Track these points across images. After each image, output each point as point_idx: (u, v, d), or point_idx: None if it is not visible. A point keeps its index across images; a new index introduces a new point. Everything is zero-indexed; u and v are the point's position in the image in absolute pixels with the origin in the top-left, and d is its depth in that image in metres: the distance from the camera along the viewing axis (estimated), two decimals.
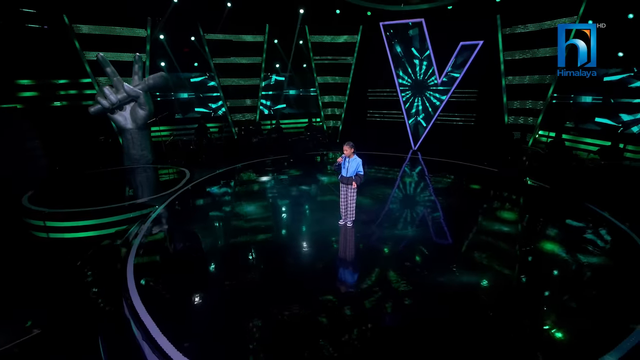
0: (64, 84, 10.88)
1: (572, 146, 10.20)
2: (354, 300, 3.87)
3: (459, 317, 3.63)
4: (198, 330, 3.43)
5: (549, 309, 3.85)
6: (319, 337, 3.24)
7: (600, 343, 3.22)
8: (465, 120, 12.62)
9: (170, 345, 3.16)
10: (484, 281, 4.28)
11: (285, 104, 15.04)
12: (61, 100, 10.89)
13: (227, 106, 13.52)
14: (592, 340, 3.30)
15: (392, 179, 9.59)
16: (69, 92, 11.00)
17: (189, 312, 3.79)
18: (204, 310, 3.87)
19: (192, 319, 3.67)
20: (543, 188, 8.19)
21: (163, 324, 3.44)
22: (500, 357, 3.12)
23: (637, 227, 5.82)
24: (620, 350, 3.13)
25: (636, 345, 3.20)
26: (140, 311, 3.66)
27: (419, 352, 3.14)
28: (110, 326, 3.89)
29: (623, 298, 4.00)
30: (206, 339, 3.29)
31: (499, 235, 5.71)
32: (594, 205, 6.90)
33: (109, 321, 3.98)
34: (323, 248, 5.22)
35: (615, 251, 5.28)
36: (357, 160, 5.38)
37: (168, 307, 3.83)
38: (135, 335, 3.49)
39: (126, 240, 5.74)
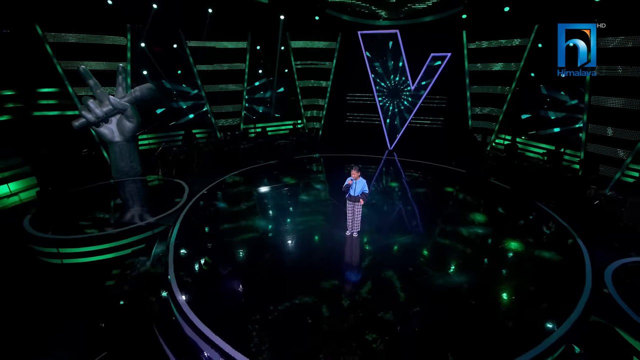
0: (40, 94, 10.42)
1: (524, 149, 11.96)
2: (357, 287, 4.89)
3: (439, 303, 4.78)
4: (257, 327, 4.22)
5: (504, 288, 5.14)
6: (336, 306, 4.22)
7: (551, 317, 4.52)
8: (434, 123, 14.04)
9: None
10: (451, 268, 5.48)
11: (269, 109, 15.38)
12: (39, 110, 10.40)
13: (211, 112, 13.64)
14: (541, 316, 4.60)
15: (370, 176, 10.81)
16: (48, 101, 10.58)
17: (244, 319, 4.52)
18: (255, 307, 4.63)
19: (250, 323, 4.43)
20: (502, 188, 9.73)
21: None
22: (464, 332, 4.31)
23: (574, 221, 7.44)
24: (569, 322, 4.45)
25: (579, 317, 4.54)
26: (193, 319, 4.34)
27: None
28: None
29: (564, 280, 5.40)
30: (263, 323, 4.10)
31: (465, 229, 7.00)
32: (541, 202, 8.52)
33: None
34: (334, 254, 6.19)
35: (555, 241, 6.78)
36: (362, 181, 6.31)
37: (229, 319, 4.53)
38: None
39: (154, 260, 6.22)
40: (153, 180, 10.44)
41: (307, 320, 4.53)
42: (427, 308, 4.79)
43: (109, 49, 10.93)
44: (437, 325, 4.47)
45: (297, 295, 5.00)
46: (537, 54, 11.07)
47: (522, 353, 3.95)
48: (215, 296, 5.08)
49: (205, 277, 5.59)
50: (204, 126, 13.54)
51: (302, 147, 13.93)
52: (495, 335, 4.32)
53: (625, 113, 9.09)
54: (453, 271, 5.70)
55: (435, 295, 5.11)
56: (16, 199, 9.13)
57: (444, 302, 4.95)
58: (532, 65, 11.31)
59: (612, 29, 8.84)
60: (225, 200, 8.80)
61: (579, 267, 5.88)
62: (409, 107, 14.05)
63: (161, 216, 7.81)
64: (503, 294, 5.21)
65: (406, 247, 6.51)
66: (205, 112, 13.81)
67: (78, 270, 6.62)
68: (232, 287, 5.34)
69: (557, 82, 10.63)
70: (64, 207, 8.41)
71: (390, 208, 8.53)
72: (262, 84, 14.70)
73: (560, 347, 4.19)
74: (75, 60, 10.57)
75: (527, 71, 11.45)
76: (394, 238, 6.80)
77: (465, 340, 4.23)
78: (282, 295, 5.01)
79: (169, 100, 12.88)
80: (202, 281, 5.44)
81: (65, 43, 10.33)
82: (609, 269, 5.86)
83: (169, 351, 4.40)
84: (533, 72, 11.31)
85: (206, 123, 13.71)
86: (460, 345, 4.15)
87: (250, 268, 5.89)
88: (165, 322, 4.75)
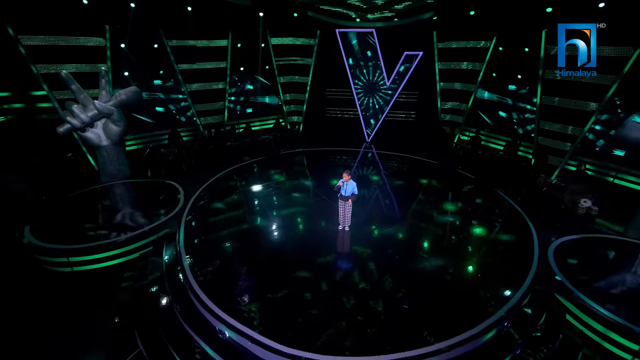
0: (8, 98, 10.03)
1: (487, 141, 13.39)
2: (349, 271, 5.89)
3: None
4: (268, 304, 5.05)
5: (470, 265, 6.35)
6: (330, 286, 5.20)
7: (508, 286, 5.75)
8: (407, 117, 15.14)
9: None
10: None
11: (252, 105, 15.61)
12: (5, 115, 10.03)
13: (195, 111, 13.74)
14: (500, 286, 5.83)
15: (350, 168, 11.77)
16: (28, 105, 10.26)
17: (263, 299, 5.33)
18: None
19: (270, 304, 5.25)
20: (468, 177, 11.06)
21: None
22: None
23: (526, 206, 8.87)
24: (521, 290, 5.70)
25: (529, 286, 5.81)
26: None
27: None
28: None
29: (517, 256, 6.70)
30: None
31: (437, 217, 8.20)
32: (500, 189, 9.92)
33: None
34: (329, 243, 7.11)
35: (510, 224, 8.14)
36: (352, 183, 7.17)
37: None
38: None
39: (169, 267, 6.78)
40: (145, 183, 10.56)
41: (307, 296, 5.49)
42: (407, 287, 5.85)
43: (87, 50, 10.68)
44: (417, 300, 5.55)
45: (299, 277, 5.94)
46: (498, 56, 12.32)
47: (486, 318, 5.12)
48: (229, 284, 5.81)
49: (216, 270, 6.25)
50: (188, 125, 13.63)
51: (285, 142, 14.51)
52: (464, 306, 5.47)
53: (569, 112, 10.59)
54: (429, 254, 6.82)
55: (414, 275, 6.19)
56: None
57: (422, 281, 6.04)
58: (494, 66, 12.60)
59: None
60: (221, 200, 9.27)
61: (528, 245, 7.23)
62: (384, 102, 14.99)
63: (164, 219, 8.23)
64: (469, 269, 6.42)
65: (389, 236, 7.54)
66: (190, 110, 13.87)
67: (91, 277, 7.04)
68: (243, 275, 6.10)
69: (515, 82, 11.99)
70: (64, 215, 8.52)
71: (373, 201, 9.52)
72: (244, 81, 14.89)
73: (515, 311, 5.43)
74: (53, 64, 10.28)
75: (490, 71, 12.73)
76: (380, 229, 7.80)
77: (440, 311, 5.34)
78: (285, 278, 6.00)
79: (155, 104, 12.80)
80: (214, 274, 6.12)
81: (40, 46, 9.99)
82: (552, 246, 7.27)
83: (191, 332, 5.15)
84: (495, 72, 12.60)
85: (191, 122, 13.80)
86: (436, 315, 5.25)
87: (256, 258, 6.66)
88: (185, 309, 5.45)
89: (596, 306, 5.53)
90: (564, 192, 9.45)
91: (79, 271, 7.07)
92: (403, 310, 5.32)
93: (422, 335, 4.80)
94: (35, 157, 9.77)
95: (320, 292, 5.70)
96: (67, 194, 9.31)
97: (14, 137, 9.82)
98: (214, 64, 13.64)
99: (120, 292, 6.48)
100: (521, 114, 12.09)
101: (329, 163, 12.63)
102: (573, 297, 5.80)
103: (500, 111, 12.83)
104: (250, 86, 15.14)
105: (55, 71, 10.23)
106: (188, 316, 5.43)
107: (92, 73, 10.54)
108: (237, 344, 4.91)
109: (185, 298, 5.78)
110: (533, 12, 10.49)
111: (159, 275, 6.59)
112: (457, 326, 4.94)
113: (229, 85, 14.28)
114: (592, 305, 5.55)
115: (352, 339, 4.76)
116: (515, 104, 12.27)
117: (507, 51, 12.00)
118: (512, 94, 12.25)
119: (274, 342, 4.66)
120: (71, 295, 6.60)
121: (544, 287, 6.10)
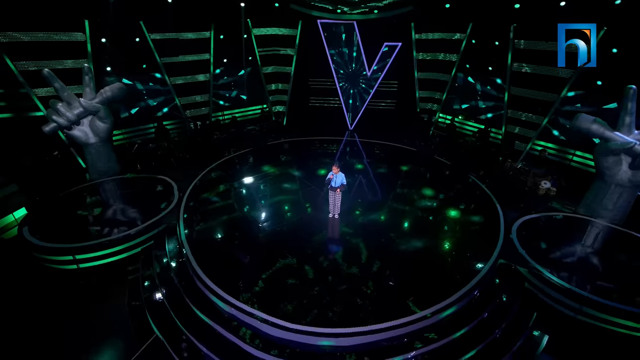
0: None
1: (461, 127, 14.33)
2: (339, 252, 6.67)
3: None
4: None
5: (445, 242, 7.27)
6: (323, 265, 5.97)
7: (479, 260, 6.70)
8: (387, 105, 15.82)
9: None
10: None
11: (237, 96, 15.69)
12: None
13: (180, 104, 13.73)
14: (472, 260, 6.77)
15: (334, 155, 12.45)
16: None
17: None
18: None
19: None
20: (445, 163, 11.96)
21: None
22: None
23: (494, 188, 9.87)
24: (489, 263, 6.65)
25: (496, 259, 6.78)
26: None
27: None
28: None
29: (485, 233, 7.66)
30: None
31: (417, 200, 9.05)
32: (472, 174, 10.89)
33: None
34: (321, 229, 7.83)
35: (480, 204, 9.13)
36: (341, 175, 7.82)
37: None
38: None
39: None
40: (135, 178, 10.58)
41: (302, 274, 6.25)
42: (392, 265, 6.68)
43: (67, 46, 10.44)
44: (401, 276, 6.38)
45: (296, 257, 6.74)
46: (472, 48, 13.09)
47: (461, 288, 6.03)
48: (231, 268, 6.45)
49: (218, 256, 6.83)
50: (174, 118, 13.65)
51: (271, 132, 14.84)
52: (441, 278, 6.36)
53: (534, 102, 11.61)
54: (410, 235, 7.67)
55: (398, 255, 7.03)
56: (11, 218, 8.95)
57: (405, 260, 6.88)
58: (467, 58, 13.39)
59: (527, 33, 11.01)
60: (215, 193, 9.61)
61: (495, 223, 8.22)
62: (365, 91, 15.54)
63: (162, 215, 8.55)
64: (446, 247, 7.35)
65: (375, 221, 8.33)
66: (174, 103, 13.85)
67: (97, 272, 7.43)
68: (245, 258, 6.74)
69: (486, 74, 12.86)
70: (61, 214, 8.65)
71: (357, 187, 10.20)
72: (227, 73, 14.92)
73: (485, 281, 6.39)
74: (32, 60, 10.04)
75: (464, 63, 13.52)
76: (365, 215, 8.55)
77: (420, 283, 6.22)
78: (283, 257, 6.77)
79: (139, 98, 12.68)
80: (216, 260, 6.70)
81: (18, 42, 9.70)
82: (515, 224, 8.30)
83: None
84: (469, 64, 13.40)
85: (176, 115, 13.80)
86: (417, 286, 6.12)
87: (253, 244, 7.30)
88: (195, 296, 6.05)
89: (548, 274, 6.59)
90: (527, 175, 10.55)
91: (85, 268, 7.40)
92: (389, 285, 6.14)
93: (405, 306, 5.66)
94: (26, 158, 9.67)
95: (316, 272, 6.43)
96: (59, 193, 9.36)
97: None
98: (196, 57, 13.60)
99: (129, 280, 6.98)
100: (492, 103, 13.04)
101: (314, 152, 13.16)
102: (530, 268, 6.84)
103: (472, 100, 13.73)
104: (234, 77, 15.21)
105: (34, 68, 10.01)
106: (192, 293, 6.02)
107: (74, 69, 10.37)
108: (248, 324, 5.58)
109: (188, 277, 6.35)
110: (502, 7, 11.25)
111: (164, 265, 7.08)
112: (436, 296, 5.83)
113: (212, 77, 14.32)
114: (545, 274, 6.60)
115: (346, 312, 5.55)
116: (486, 94, 13.18)
117: (479, 44, 12.78)
118: (484, 84, 13.13)
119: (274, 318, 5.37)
120: (82, 288, 7.03)
121: (508, 261, 7.11)
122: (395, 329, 5.33)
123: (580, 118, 8.06)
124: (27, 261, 7.45)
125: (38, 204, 8.91)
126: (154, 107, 13.23)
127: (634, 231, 8.06)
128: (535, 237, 7.94)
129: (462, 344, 5.54)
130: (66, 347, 5.94)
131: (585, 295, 6.11)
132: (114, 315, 6.53)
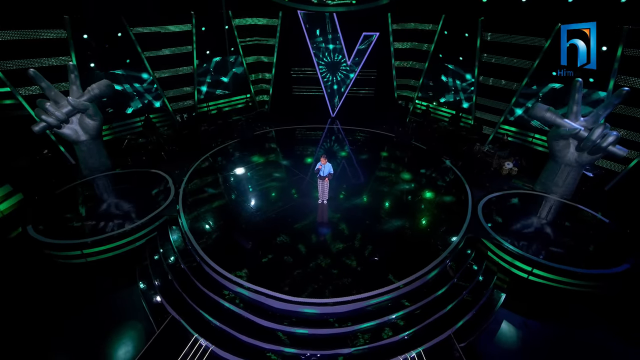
0: None
1: (435, 114, 15.32)
2: (329, 233, 7.61)
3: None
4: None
5: (421, 219, 8.33)
6: (314, 244, 6.90)
7: (449, 234, 7.78)
8: (367, 93, 16.53)
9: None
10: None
11: (221, 86, 15.83)
12: None
13: (165, 97, 13.81)
14: (444, 234, 7.86)
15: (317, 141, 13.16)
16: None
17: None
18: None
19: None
20: (421, 148, 12.97)
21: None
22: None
23: (464, 170, 11.01)
24: (459, 236, 7.76)
25: (464, 233, 7.89)
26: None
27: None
28: None
29: (455, 211, 8.77)
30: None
31: (396, 184, 10.05)
32: (445, 157, 11.96)
33: None
34: (312, 214, 8.67)
35: (452, 185, 10.25)
36: (329, 165, 8.59)
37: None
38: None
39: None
40: (131, 173, 10.78)
41: (297, 251, 7.10)
42: (375, 243, 7.67)
43: (48, 43, 10.30)
44: (383, 252, 7.37)
45: (285, 241, 7.54)
46: (445, 39, 13.91)
47: (435, 258, 7.10)
48: (232, 251, 7.20)
49: (219, 241, 7.56)
50: (160, 111, 13.74)
51: (256, 122, 15.23)
52: (417, 251, 7.41)
53: (500, 90, 12.70)
54: (390, 215, 8.66)
55: (380, 233, 8.02)
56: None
57: (386, 237, 7.89)
58: (440, 48, 14.23)
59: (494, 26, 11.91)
60: (208, 184, 10.16)
61: (464, 202, 9.35)
62: (345, 79, 16.14)
63: (162, 208, 9.03)
64: (422, 224, 8.41)
65: (358, 204, 9.25)
66: (160, 97, 13.90)
67: (106, 264, 7.98)
68: (247, 244, 7.47)
69: (458, 63, 13.78)
70: (63, 210, 8.94)
71: (340, 172, 11.01)
72: (210, 64, 15.00)
73: (455, 252, 7.50)
74: (13, 60, 9.91)
75: (437, 52, 14.35)
76: (350, 199, 9.43)
77: (400, 257, 7.25)
78: (279, 241, 7.54)
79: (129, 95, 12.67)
80: (218, 243, 7.43)
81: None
82: (481, 202, 9.46)
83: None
84: (441, 53, 14.25)
85: (162, 108, 13.88)
86: (397, 260, 7.14)
87: (250, 228, 7.97)
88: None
89: (506, 244, 7.77)
90: (493, 157, 11.74)
91: (93, 261, 7.91)
92: (374, 261, 7.12)
93: (387, 278, 6.67)
94: (22, 158, 9.74)
95: (308, 249, 7.32)
96: (55, 191, 9.59)
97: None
98: (180, 49, 13.63)
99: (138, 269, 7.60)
100: (462, 90, 14.05)
101: (299, 140, 13.79)
102: (492, 239, 8.01)
103: (445, 88, 14.70)
104: (217, 68, 15.34)
105: (16, 67, 9.89)
106: (199, 274, 6.77)
107: (58, 67, 10.30)
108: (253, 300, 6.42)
109: (191, 258, 7.08)
110: (471, 1, 12.07)
111: (170, 252, 7.73)
112: (414, 267, 6.87)
113: (196, 69, 14.42)
114: (504, 244, 7.79)
115: (335, 285, 6.49)
116: (457, 82, 14.16)
117: (451, 35, 13.61)
118: (455, 73, 14.08)
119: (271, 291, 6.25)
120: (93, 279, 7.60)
121: (474, 234, 8.26)
122: (380, 296, 6.35)
123: (535, 107, 9.14)
124: (38, 258, 7.87)
125: (38, 203, 9.14)
126: (138, 101, 13.29)
127: (579, 204, 9.43)
128: (498, 212, 9.12)
129: (439, 303, 6.69)
130: (84, 333, 6.55)
131: (535, 259, 7.35)
132: (126, 303, 7.16)
